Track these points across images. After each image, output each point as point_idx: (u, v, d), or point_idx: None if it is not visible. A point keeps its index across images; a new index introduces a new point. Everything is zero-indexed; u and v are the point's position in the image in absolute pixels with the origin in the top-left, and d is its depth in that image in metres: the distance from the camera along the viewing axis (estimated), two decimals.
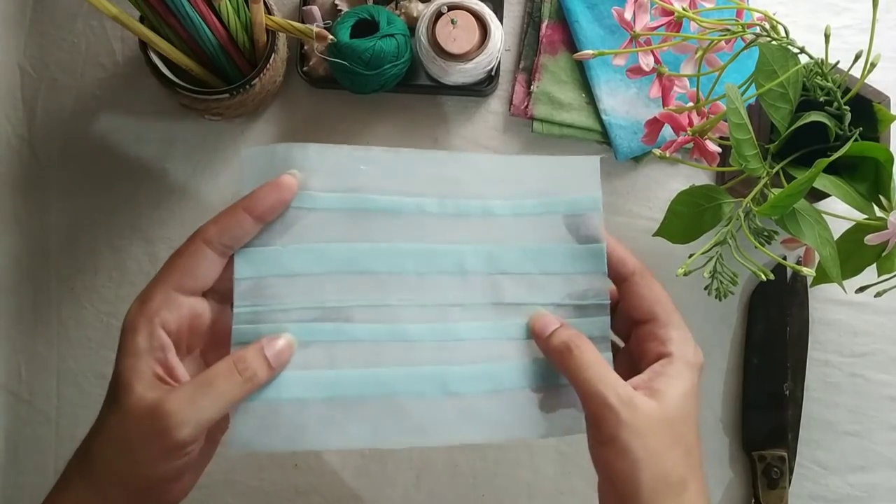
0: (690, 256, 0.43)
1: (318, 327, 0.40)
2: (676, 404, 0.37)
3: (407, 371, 0.40)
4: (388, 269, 0.41)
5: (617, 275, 0.42)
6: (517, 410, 0.40)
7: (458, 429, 0.40)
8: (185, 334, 0.38)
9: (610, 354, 0.42)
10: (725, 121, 0.44)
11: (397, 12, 0.57)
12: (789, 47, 0.43)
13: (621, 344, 0.44)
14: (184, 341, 0.38)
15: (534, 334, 0.41)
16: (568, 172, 0.43)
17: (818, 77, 0.44)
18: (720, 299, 0.46)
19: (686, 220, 0.47)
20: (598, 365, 0.38)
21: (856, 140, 0.44)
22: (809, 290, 0.57)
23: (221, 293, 0.40)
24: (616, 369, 0.39)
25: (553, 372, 0.41)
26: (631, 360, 0.42)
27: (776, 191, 0.42)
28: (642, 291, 0.41)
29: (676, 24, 0.45)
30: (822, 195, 0.46)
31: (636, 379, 0.39)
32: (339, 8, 0.57)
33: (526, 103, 0.58)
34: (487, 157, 0.44)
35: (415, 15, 0.56)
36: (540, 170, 0.43)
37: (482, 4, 0.55)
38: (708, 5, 0.45)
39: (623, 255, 0.42)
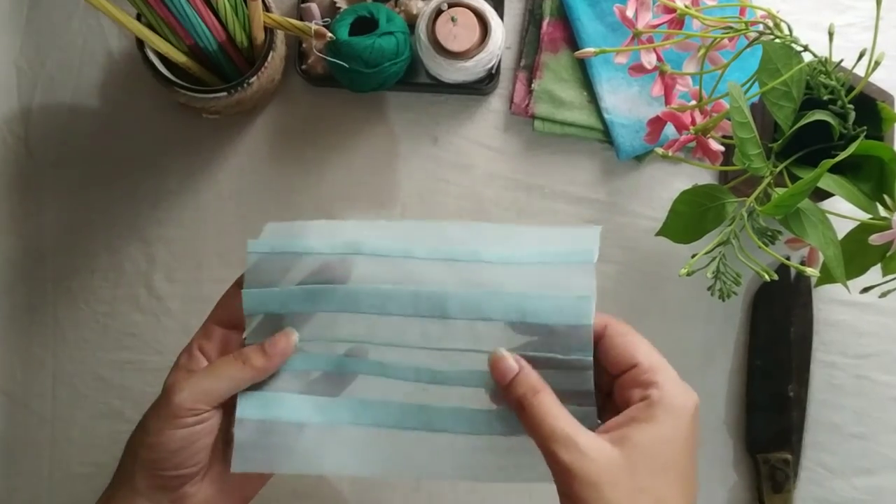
0: (693, 256, 0.43)
1: (315, 356, 0.42)
2: (644, 452, 0.35)
3: (394, 405, 0.42)
4: (377, 311, 0.41)
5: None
6: (491, 455, 0.40)
7: (439, 464, 0.41)
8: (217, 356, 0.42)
9: (594, 409, 0.39)
10: (728, 119, 0.44)
11: (397, 10, 0.56)
12: (793, 45, 0.43)
13: None
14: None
15: (494, 379, 0.39)
16: (567, 239, 0.42)
17: (822, 75, 0.44)
18: (723, 300, 0.46)
19: (689, 219, 0.47)
20: (549, 419, 0.36)
21: (861, 139, 0.43)
22: (813, 290, 0.56)
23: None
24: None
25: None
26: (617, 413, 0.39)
27: (780, 190, 0.41)
28: (620, 342, 0.38)
29: (679, 21, 0.44)
30: (826, 195, 0.46)
31: (611, 422, 0.37)
32: (337, 5, 0.56)
33: (527, 102, 0.58)
34: (487, 226, 0.44)
35: (414, 12, 0.56)
36: (540, 237, 0.43)
37: (483, 2, 0.54)
38: (711, 3, 0.45)
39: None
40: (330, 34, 0.51)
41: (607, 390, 0.40)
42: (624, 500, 0.34)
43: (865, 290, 0.46)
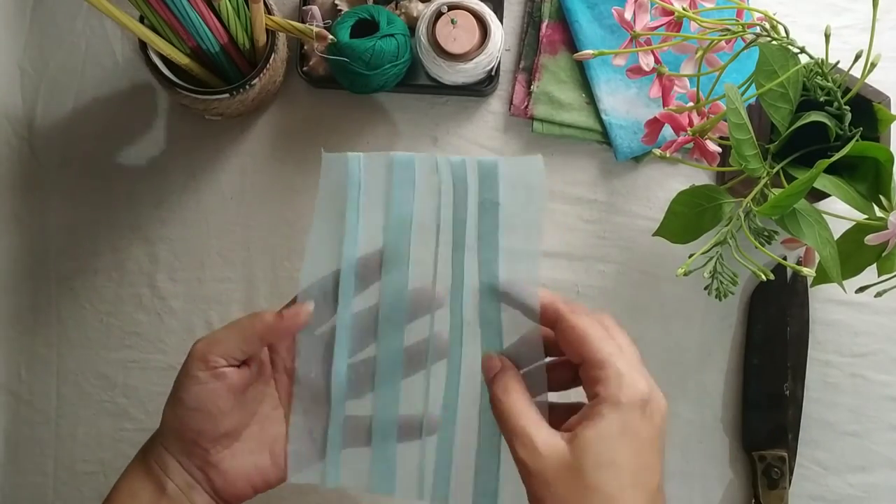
0: (690, 256, 0.43)
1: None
2: (590, 450, 0.35)
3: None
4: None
5: (547, 324, 0.40)
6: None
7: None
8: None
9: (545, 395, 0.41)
10: (725, 121, 0.44)
11: (397, 12, 0.57)
12: (789, 47, 0.43)
13: None
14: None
15: (484, 377, 0.41)
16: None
17: (818, 77, 0.44)
18: (720, 299, 0.46)
19: (686, 220, 0.47)
20: (513, 416, 0.37)
21: (856, 140, 0.44)
22: (809, 290, 0.57)
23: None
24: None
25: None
26: None
27: (776, 191, 0.42)
28: (569, 336, 0.38)
29: (676, 23, 0.45)
30: (823, 195, 0.46)
31: (569, 421, 0.37)
32: (339, 8, 0.57)
33: (526, 103, 0.58)
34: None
35: (415, 15, 0.56)
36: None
37: (482, 4, 0.55)
38: (708, 5, 0.45)
39: (544, 303, 0.40)
40: (331, 36, 0.52)
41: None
42: (573, 498, 0.35)
43: (861, 289, 0.46)
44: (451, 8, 0.53)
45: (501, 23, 0.57)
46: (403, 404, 0.44)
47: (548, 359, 0.41)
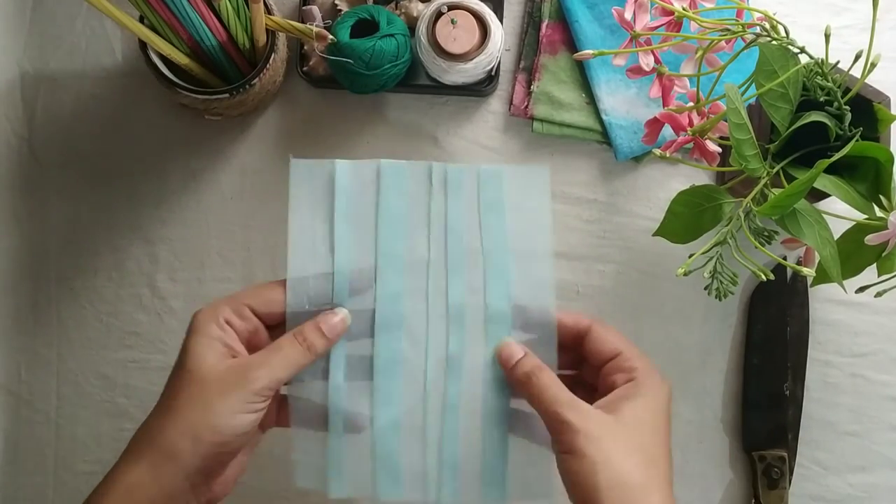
0: (690, 256, 0.43)
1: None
2: (635, 416, 0.40)
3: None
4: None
5: (577, 333, 0.44)
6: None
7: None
8: (244, 344, 0.42)
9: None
10: (725, 121, 0.44)
11: (397, 12, 0.57)
12: (789, 47, 0.43)
13: None
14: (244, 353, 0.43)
15: (500, 363, 0.43)
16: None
17: (818, 77, 0.44)
18: (720, 299, 0.46)
19: (686, 219, 0.47)
20: (553, 388, 0.41)
21: (856, 140, 0.44)
22: (809, 290, 0.57)
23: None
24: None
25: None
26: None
27: (776, 191, 0.42)
28: (604, 336, 0.43)
29: (676, 23, 0.45)
30: (823, 195, 0.46)
31: (600, 401, 0.41)
32: (338, 8, 0.57)
33: (526, 103, 0.58)
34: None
35: (415, 15, 0.56)
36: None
37: (482, 4, 0.55)
38: (708, 5, 0.45)
39: (575, 315, 0.44)
40: (331, 36, 0.52)
41: (591, 381, 0.44)
42: (621, 453, 0.38)
43: (861, 289, 0.46)
44: (451, 8, 0.53)
45: (501, 23, 0.57)
46: (402, 405, 0.44)
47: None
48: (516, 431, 0.44)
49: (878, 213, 0.44)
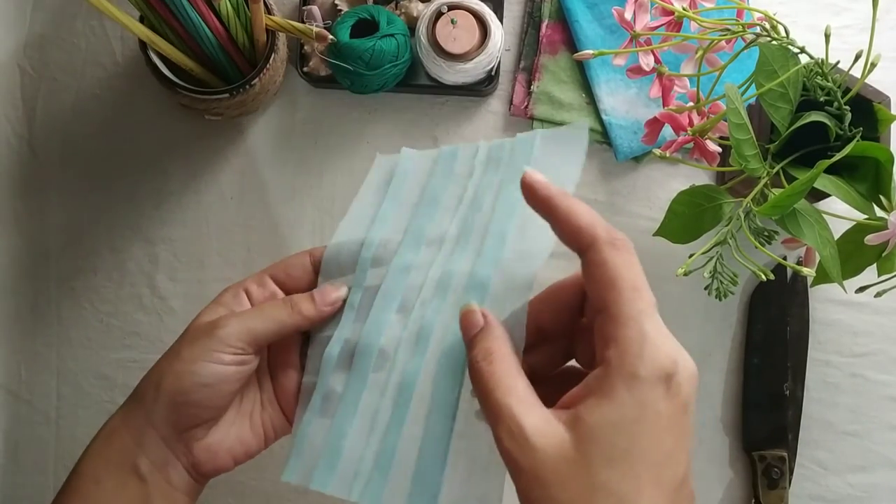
0: (691, 256, 0.43)
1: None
2: (599, 438, 0.27)
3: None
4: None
5: (577, 249, 0.31)
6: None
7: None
8: None
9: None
10: (725, 121, 0.44)
11: (397, 12, 0.57)
12: (789, 47, 0.43)
13: None
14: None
15: (462, 334, 0.33)
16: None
17: (818, 77, 0.44)
18: (720, 299, 0.46)
19: (686, 220, 0.47)
20: (498, 391, 0.29)
21: (856, 140, 0.44)
22: (810, 290, 0.57)
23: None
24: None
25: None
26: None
27: (776, 191, 0.42)
28: (595, 273, 0.30)
29: (677, 23, 0.45)
30: (823, 195, 0.46)
31: (571, 392, 0.29)
32: (339, 8, 0.57)
33: (526, 103, 0.58)
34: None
35: (415, 15, 0.56)
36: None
37: (482, 4, 0.55)
38: (708, 5, 0.45)
39: (581, 222, 0.31)
40: (331, 36, 0.52)
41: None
42: (576, 501, 0.27)
43: (861, 289, 0.46)
44: (451, 8, 0.53)
45: (501, 23, 0.57)
46: (368, 383, 0.38)
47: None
48: (468, 431, 0.34)
49: (878, 213, 0.44)
